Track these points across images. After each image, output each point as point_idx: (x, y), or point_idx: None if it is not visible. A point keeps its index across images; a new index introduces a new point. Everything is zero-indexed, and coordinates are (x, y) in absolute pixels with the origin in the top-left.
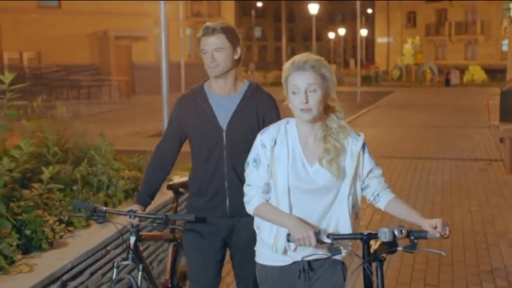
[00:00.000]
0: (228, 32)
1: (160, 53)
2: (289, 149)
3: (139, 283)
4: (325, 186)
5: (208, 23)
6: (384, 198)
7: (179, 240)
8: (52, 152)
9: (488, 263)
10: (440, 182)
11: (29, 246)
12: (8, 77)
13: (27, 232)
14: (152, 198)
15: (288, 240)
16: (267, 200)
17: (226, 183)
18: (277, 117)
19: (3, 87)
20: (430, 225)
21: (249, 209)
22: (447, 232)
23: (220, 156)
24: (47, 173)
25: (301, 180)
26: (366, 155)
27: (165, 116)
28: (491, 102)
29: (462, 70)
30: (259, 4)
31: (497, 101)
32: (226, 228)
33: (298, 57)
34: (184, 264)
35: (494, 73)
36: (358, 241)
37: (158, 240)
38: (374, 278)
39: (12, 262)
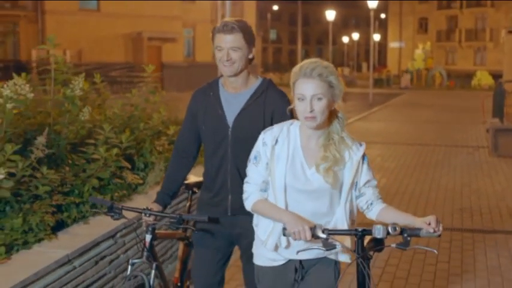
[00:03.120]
0: (245, 31)
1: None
2: (290, 149)
3: (151, 281)
4: (320, 189)
5: (227, 19)
6: (376, 207)
7: (190, 240)
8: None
9: (459, 205)
10: (435, 161)
11: None
12: (149, 68)
13: (165, 165)
14: (172, 197)
15: (284, 234)
16: (265, 198)
17: (229, 180)
18: (286, 116)
19: (146, 74)
20: (424, 221)
21: (247, 205)
22: (440, 229)
23: (225, 153)
24: (172, 130)
25: (298, 181)
26: (365, 166)
27: None
28: (486, 103)
29: (470, 75)
30: (275, 7)
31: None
32: (230, 226)
33: (307, 63)
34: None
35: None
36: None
37: (172, 239)
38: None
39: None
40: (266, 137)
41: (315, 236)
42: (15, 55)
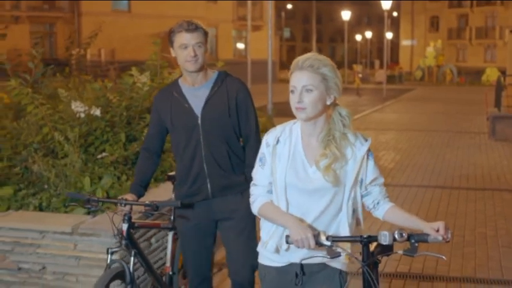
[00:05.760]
0: (204, 30)
1: (268, 49)
2: (291, 148)
3: (131, 268)
4: (321, 188)
5: (187, 20)
6: (383, 207)
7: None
8: None
9: (459, 173)
10: (441, 142)
11: None
12: (220, 64)
13: None
14: (145, 188)
15: (287, 242)
16: (271, 200)
17: (205, 166)
18: (248, 99)
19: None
20: (432, 227)
21: (254, 209)
22: (449, 235)
23: (198, 141)
24: None
25: (299, 180)
26: (371, 162)
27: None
28: (491, 97)
29: (479, 72)
30: (289, 6)
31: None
32: (212, 210)
33: (302, 56)
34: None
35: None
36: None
37: (155, 229)
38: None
39: None
40: (269, 137)
41: (318, 244)
42: (52, 54)
